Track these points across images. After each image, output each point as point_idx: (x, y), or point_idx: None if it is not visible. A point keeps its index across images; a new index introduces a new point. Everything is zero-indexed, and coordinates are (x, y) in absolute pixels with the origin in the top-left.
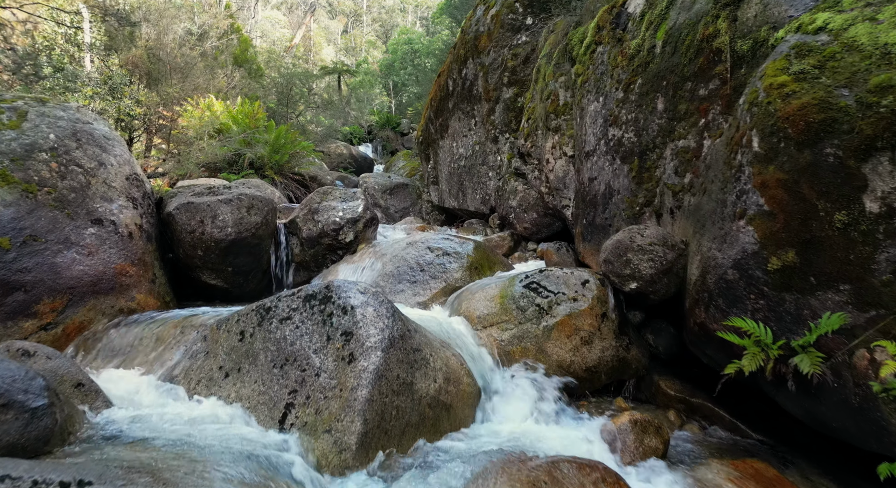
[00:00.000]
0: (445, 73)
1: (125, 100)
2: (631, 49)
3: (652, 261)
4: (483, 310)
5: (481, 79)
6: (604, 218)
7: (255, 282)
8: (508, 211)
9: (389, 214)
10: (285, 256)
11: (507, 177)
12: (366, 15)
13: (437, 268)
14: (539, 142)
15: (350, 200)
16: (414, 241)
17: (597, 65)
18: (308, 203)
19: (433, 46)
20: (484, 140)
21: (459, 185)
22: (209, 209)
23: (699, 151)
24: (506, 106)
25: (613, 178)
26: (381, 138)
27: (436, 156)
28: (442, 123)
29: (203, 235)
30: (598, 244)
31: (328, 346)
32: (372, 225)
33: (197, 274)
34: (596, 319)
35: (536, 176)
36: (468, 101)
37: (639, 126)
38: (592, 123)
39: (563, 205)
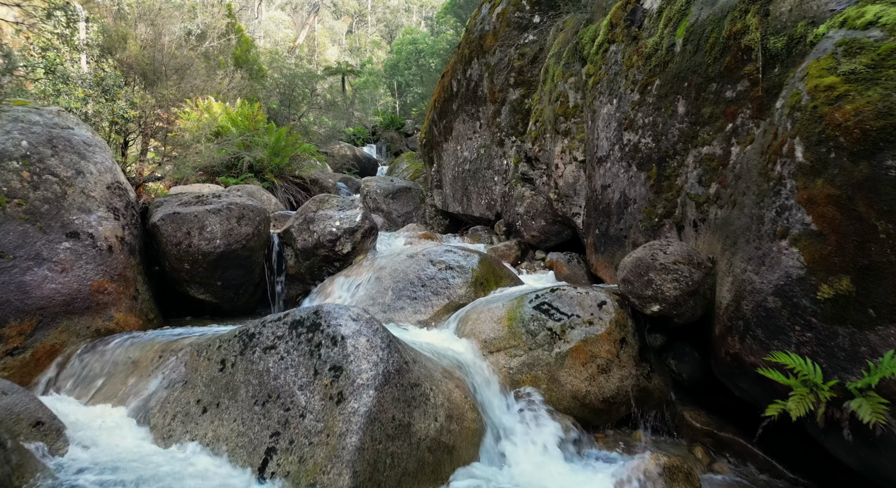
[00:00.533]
0: (449, 73)
1: (118, 102)
2: (647, 48)
3: (676, 282)
4: (490, 333)
5: (486, 79)
6: (618, 229)
7: (247, 296)
8: (515, 218)
9: (392, 219)
10: (279, 268)
11: (513, 183)
12: (370, 15)
13: (439, 284)
14: (547, 146)
15: (348, 209)
16: (415, 254)
17: (610, 65)
18: (303, 212)
19: (438, 46)
20: (489, 143)
21: (464, 190)
22: (196, 220)
23: (726, 159)
24: (512, 108)
25: (629, 186)
26: (386, 139)
27: (439, 159)
28: (446, 125)
29: (190, 248)
30: (611, 256)
31: (315, 382)
32: (371, 235)
33: (184, 288)
34: (614, 345)
35: (545, 181)
36: (473, 103)
37: (657, 130)
38: (605, 127)
39: (573, 212)
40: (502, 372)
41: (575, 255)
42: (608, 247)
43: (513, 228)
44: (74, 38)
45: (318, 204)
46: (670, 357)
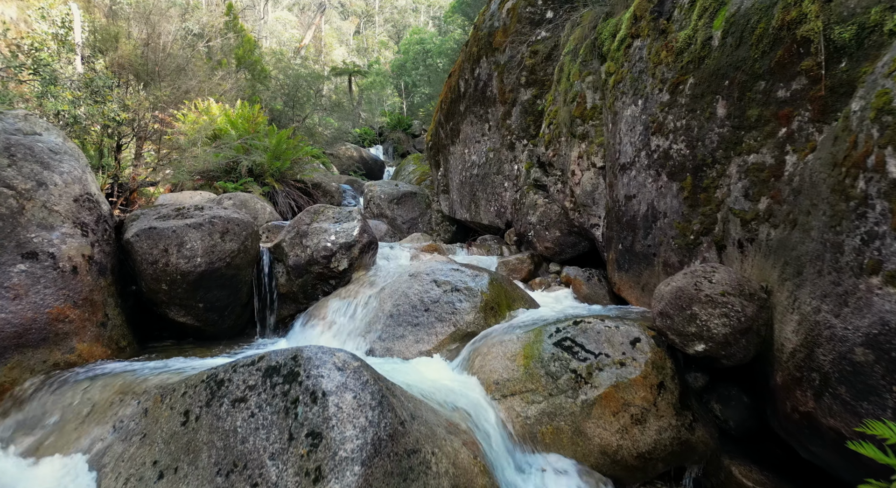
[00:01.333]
0: (457, 72)
1: (109, 103)
2: (679, 42)
3: (726, 318)
4: (502, 373)
5: (496, 79)
6: (645, 245)
7: (234, 317)
8: (527, 227)
9: (396, 225)
10: (269, 287)
11: (525, 190)
12: (378, 15)
13: (444, 308)
14: (562, 151)
15: (344, 221)
16: (418, 273)
17: (633, 62)
18: (296, 224)
19: (445, 46)
20: (499, 146)
21: (472, 196)
22: (174, 235)
23: (780, 170)
24: (523, 109)
25: (658, 198)
26: (392, 140)
27: (446, 162)
28: (453, 128)
29: (167, 267)
30: (637, 275)
31: (290, 451)
32: (370, 250)
33: (163, 310)
34: (651, 391)
35: (559, 189)
36: (481, 104)
37: (692, 135)
38: (629, 131)
39: (591, 223)
40: (518, 421)
41: (595, 272)
42: (633, 264)
43: (524, 238)
44: (69, 37)
45: (313, 215)
46: (714, 400)
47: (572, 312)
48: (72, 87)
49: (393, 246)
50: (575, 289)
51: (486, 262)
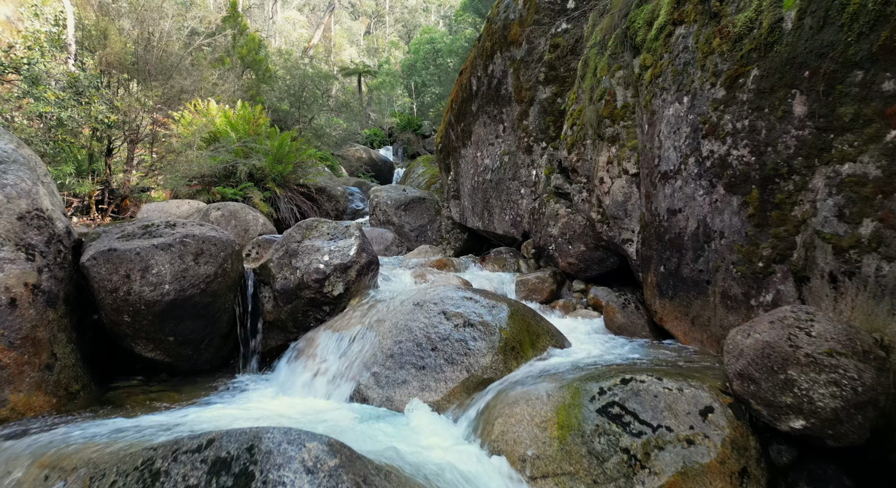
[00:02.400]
0: (468, 69)
1: (95, 104)
2: (737, 27)
3: (836, 387)
4: (530, 446)
5: (511, 76)
6: (695, 269)
7: (213, 350)
8: (547, 240)
9: (404, 233)
10: (254, 313)
11: (545, 198)
12: (388, 15)
13: (455, 348)
14: (588, 155)
15: (340, 238)
16: (424, 301)
17: (676, 52)
18: (285, 242)
19: (455, 45)
20: (514, 150)
21: (485, 203)
22: (138, 259)
23: (891, 184)
24: (542, 108)
25: (713, 214)
26: (402, 141)
27: (457, 166)
28: (464, 129)
29: (129, 296)
30: (685, 305)
31: None
32: (369, 271)
33: (128, 344)
34: (731, 482)
35: (585, 198)
36: (495, 103)
37: (758, 139)
38: (672, 133)
39: (623, 238)
40: None
41: (631, 297)
42: (680, 291)
43: (544, 252)
44: (63, 36)
45: (304, 231)
46: (802, 481)
47: (613, 357)
48: (55, 88)
49: (398, 261)
50: (607, 317)
51: (502, 282)
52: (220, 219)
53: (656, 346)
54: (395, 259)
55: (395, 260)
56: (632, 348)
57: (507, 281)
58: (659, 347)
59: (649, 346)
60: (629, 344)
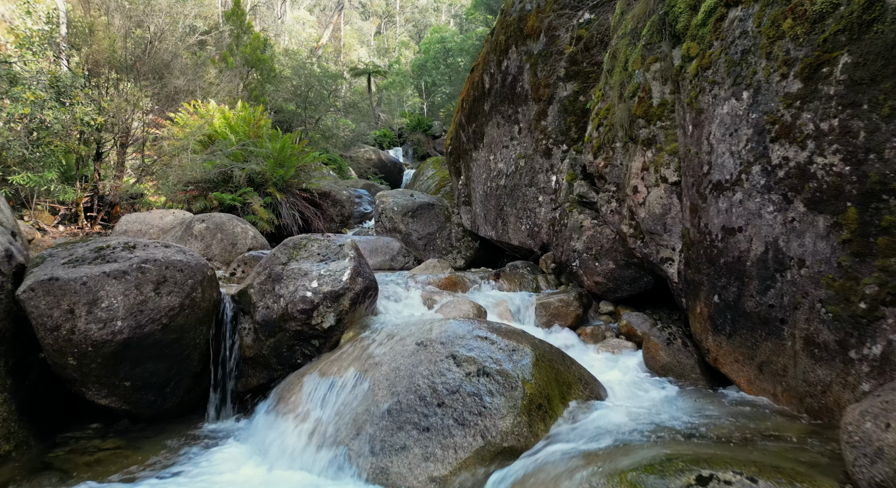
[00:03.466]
0: (480, 66)
1: (79, 105)
2: (816, 4)
3: None
4: None
5: (528, 72)
6: (763, 303)
7: (181, 393)
8: (570, 255)
9: (411, 241)
10: (232, 348)
11: (566, 208)
12: (399, 15)
13: (467, 404)
14: (617, 160)
15: (332, 259)
16: (429, 340)
17: (731, 39)
18: (268, 264)
19: (466, 44)
20: (531, 153)
21: (498, 211)
22: (84, 290)
23: None
24: (562, 107)
25: (788, 236)
26: (412, 141)
27: (468, 170)
28: (476, 130)
29: (73, 335)
30: (750, 346)
31: None
32: (366, 298)
33: (77, 389)
34: None
35: (614, 208)
36: (510, 102)
37: (853, 144)
38: (728, 135)
39: (661, 257)
40: None
41: (676, 330)
42: (742, 328)
43: (566, 268)
44: (55, 34)
45: (291, 251)
46: None
47: (667, 418)
48: (36, 88)
49: (402, 279)
50: (648, 354)
51: (520, 305)
52: (204, 232)
53: (716, 399)
54: (399, 275)
55: (400, 276)
56: (686, 403)
57: (526, 303)
58: (720, 400)
59: (708, 399)
60: (680, 394)
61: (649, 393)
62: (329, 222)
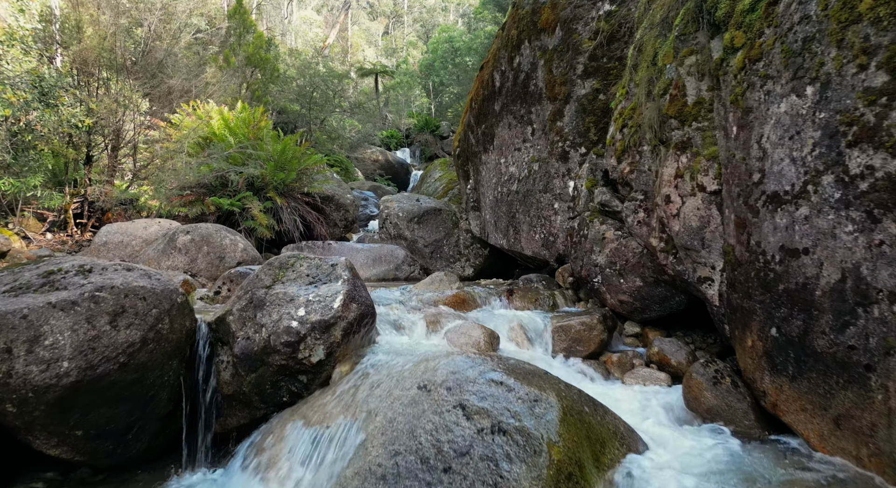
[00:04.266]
0: (490, 63)
1: (65, 106)
2: None
3: None
4: None
5: (542, 69)
6: (840, 343)
7: (147, 438)
8: (591, 270)
9: (417, 249)
10: (207, 384)
11: (586, 217)
12: (406, 15)
13: (479, 471)
14: (645, 165)
15: (323, 282)
16: (433, 383)
17: (788, 25)
18: (250, 287)
19: (475, 43)
20: (546, 156)
21: (510, 218)
22: (25, 325)
23: None
24: (580, 106)
25: (875, 263)
26: (420, 142)
27: (477, 174)
28: (485, 132)
29: (10, 379)
30: (822, 394)
31: None
32: (361, 327)
33: (23, 437)
34: None
35: (641, 219)
36: (522, 101)
37: None
38: (787, 138)
39: (699, 276)
40: None
41: (723, 367)
42: (810, 371)
43: (587, 284)
44: (49, 31)
45: (276, 272)
46: None
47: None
48: (19, 87)
49: (405, 296)
50: (690, 394)
51: (537, 329)
52: (188, 245)
53: (782, 458)
54: (402, 291)
55: (402, 292)
56: (747, 462)
57: (543, 324)
58: (788, 461)
59: (772, 458)
60: (736, 448)
61: (697, 445)
62: (332, 227)
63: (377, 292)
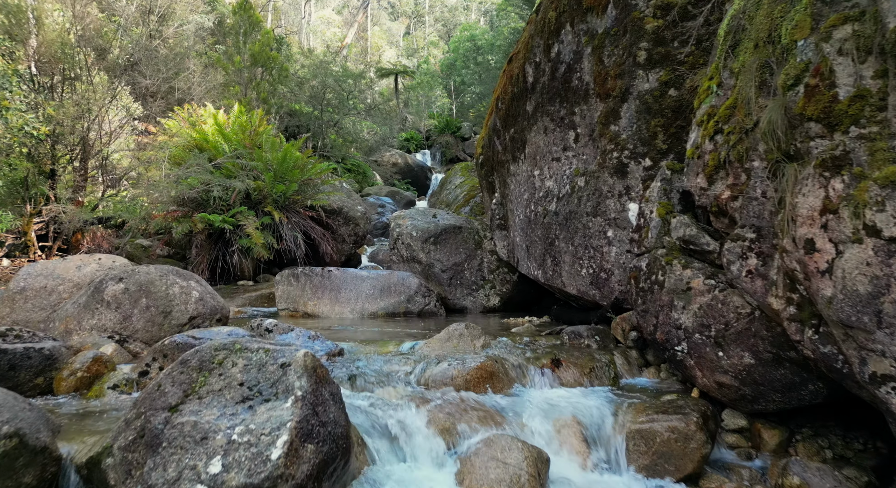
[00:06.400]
0: (521, 54)
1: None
2: None
3: None
4: None
5: (590, 58)
6: None
7: None
8: (670, 332)
9: (433, 275)
10: None
11: (661, 256)
12: (428, 15)
13: None
14: (757, 189)
15: (262, 400)
16: None
17: None
18: (145, 406)
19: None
20: (595, 169)
21: (547, 244)
22: None
23: None
24: (643, 105)
25: None
26: (440, 144)
27: (504, 186)
28: (515, 137)
29: None
30: None
31: None
32: (323, 482)
33: None
34: None
35: (755, 267)
36: (563, 100)
37: None
38: None
39: (872, 373)
40: None
41: None
42: None
43: (663, 350)
44: None
45: (193, 377)
46: None
47: None
48: None
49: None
50: None
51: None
52: (120, 296)
53: None
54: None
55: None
56: None
57: (608, 419)
58: None
59: None
60: None
61: None
62: (340, 243)
63: (373, 365)
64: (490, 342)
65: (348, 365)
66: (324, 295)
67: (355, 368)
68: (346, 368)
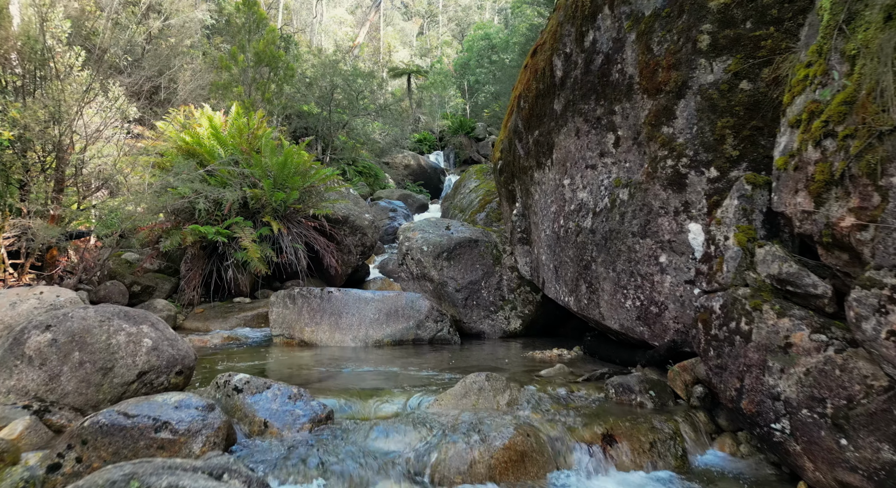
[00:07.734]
0: (548, 45)
1: None
2: None
3: None
4: None
5: (634, 46)
6: None
7: None
8: (762, 402)
9: (446, 294)
10: None
11: (745, 297)
12: (441, 15)
13: None
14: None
15: None
16: None
17: None
18: None
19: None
20: (643, 180)
21: (580, 267)
22: None
23: None
24: (707, 102)
25: None
26: (454, 145)
27: (526, 196)
28: (539, 140)
29: None
30: None
31: None
32: None
33: None
34: None
35: (895, 326)
36: (600, 96)
37: None
38: None
39: None
40: None
41: None
42: None
43: (752, 424)
44: None
45: None
46: None
47: None
48: None
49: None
50: None
51: None
52: (45, 351)
53: None
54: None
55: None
56: None
57: None
58: None
59: None
60: None
61: None
62: (346, 254)
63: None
64: (517, 396)
65: (334, 443)
66: (322, 320)
67: (342, 452)
68: (328, 451)
